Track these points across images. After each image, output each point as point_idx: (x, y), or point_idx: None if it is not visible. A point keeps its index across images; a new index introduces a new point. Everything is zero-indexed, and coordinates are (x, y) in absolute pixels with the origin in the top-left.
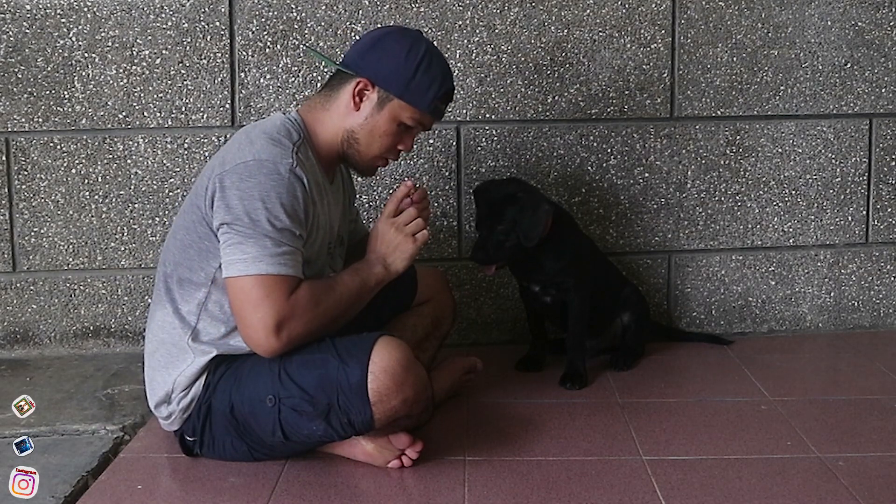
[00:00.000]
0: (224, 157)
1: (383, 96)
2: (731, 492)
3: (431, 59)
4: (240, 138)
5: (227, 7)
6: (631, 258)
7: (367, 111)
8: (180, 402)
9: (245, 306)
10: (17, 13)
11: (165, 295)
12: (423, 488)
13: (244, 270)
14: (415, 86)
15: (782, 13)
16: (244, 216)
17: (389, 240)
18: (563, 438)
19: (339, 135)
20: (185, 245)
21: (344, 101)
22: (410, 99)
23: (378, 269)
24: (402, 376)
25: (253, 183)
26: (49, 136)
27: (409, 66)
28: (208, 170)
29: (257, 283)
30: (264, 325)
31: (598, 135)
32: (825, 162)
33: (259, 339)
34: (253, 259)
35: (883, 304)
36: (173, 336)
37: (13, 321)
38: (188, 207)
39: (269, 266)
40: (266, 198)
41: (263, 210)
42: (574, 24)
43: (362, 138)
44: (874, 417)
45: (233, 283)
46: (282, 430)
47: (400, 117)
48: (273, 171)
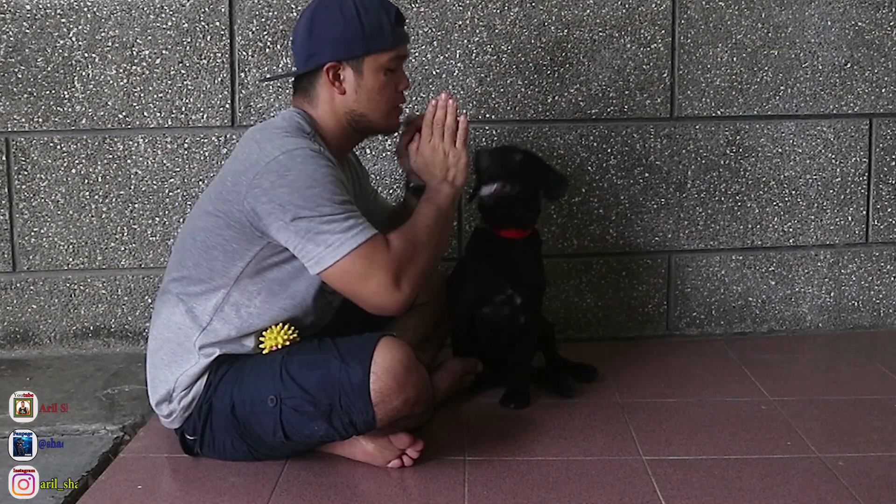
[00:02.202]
0: (247, 159)
1: (354, 63)
2: (731, 492)
3: (362, 1)
4: (255, 137)
5: (227, 7)
6: (631, 258)
7: (352, 84)
8: (181, 400)
9: (356, 284)
10: (17, 13)
11: (178, 295)
12: (423, 488)
13: (335, 256)
14: (369, 33)
15: (782, 13)
16: (303, 209)
17: (439, 159)
18: (563, 438)
19: (342, 120)
20: (207, 247)
21: (324, 92)
22: (375, 46)
23: (446, 189)
24: (404, 377)
25: (295, 174)
26: (49, 136)
27: (351, 21)
28: (230, 174)
29: (353, 259)
30: (384, 287)
31: (598, 135)
32: (825, 162)
33: (386, 302)
34: (338, 242)
35: (883, 304)
36: (179, 335)
37: (13, 321)
38: (208, 211)
39: (352, 240)
40: (314, 182)
41: (317, 195)
42: (574, 24)
43: (365, 108)
44: (874, 417)
45: (331, 274)
46: (283, 430)
47: (382, 66)
48: (307, 157)
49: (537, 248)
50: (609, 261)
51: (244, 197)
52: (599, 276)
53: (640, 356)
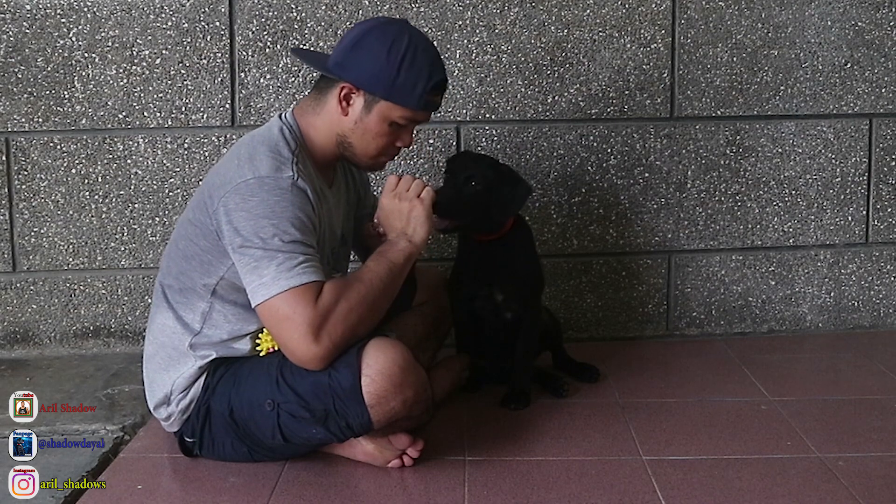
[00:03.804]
0: (225, 174)
1: (369, 99)
2: (731, 492)
3: (415, 54)
4: (238, 152)
5: (227, 7)
6: (631, 258)
7: (356, 114)
8: (179, 403)
9: (276, 327)
10: (17, 13)
11: (166, 302)
12: (423, 488)
13: (266, 294)
14: (400, 85)
15: (782, 13)
16: (253, 237)
17: (399, 211)
18: (563, 438)
19: (333, 139)
20: (187, 256)
21: (332, 105)
22: (397, 99)
23: (402, 244)
24: (401, 377)
25: (257, 201)
26: (49, 136)
27: (392, 64)
28: (209, 185)
29: (281, 301)
30: (300, 337)
31: (598, 135)
32: (825, 162)
33: (300, 354)
34: (271, 280)
35: (883, 304)
36: (173, 340)
37: (13, 321)
38: (189, 219)
39: (287, 281)
40: (272, 214)
41: (271, 227)
42: (574, 24)
43: (356, 141)
44: (874, 417)
45: (261, 310)
46: (281, 433)
47: (390, 117)
48: (275, 187)
49: (521, 242)
50: (609, 261)
51: (214, 211)
52: (599, 276)
53: (640, 356)
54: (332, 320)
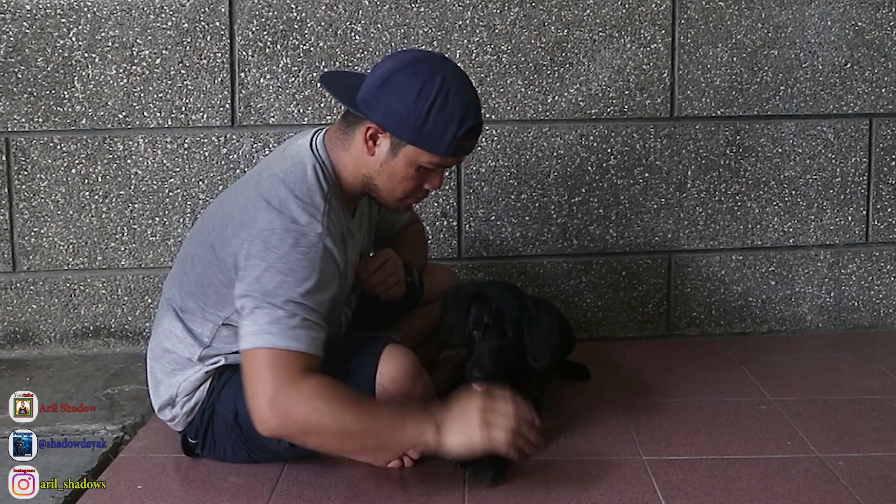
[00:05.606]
0: (253, 214)
1: (396, 142)
2: (731, 492)
3: (447, 97)
4: (269, 191)
5: (227, 7)
6: (631, 258)
7: (382, 156)
8: (184, 405)
9: (250, 377)
10: (17, 13)
11: (177, 311)
12: (423, 488)
13: (252, 343)
14: (428, 130)
15: (782, 13)
16: (262, 286)
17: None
18: (563, 438)
19: (359, 178)
20: (202, 283)
21: (358, 143)
22: (425, 145)
23: (428, 435)
24: (410, 386)
25: (278, 254)
26: (49, 136)
27: (420, 109)
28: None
29: (264, 355)
30: (261, 395)
31: (598, 135)
32: (825, 162)
33: (255, 410)
34: (262, 330)
35: (883, 304)
36: (181, 347)
37: (13, 321)
38: (210, 244)
39: (277, 339)
40: (289, 272)
41: (283, 283)
42: (574, 24)
43: (381, 184)
44: (874, 417)
45: (243, 355)
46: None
47: (417, 162)
48: (301, 243)
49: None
50: (609, 261)
51: (236, 250)
52: (599, 276)
53: (640, 356)
54: (297, 403)
